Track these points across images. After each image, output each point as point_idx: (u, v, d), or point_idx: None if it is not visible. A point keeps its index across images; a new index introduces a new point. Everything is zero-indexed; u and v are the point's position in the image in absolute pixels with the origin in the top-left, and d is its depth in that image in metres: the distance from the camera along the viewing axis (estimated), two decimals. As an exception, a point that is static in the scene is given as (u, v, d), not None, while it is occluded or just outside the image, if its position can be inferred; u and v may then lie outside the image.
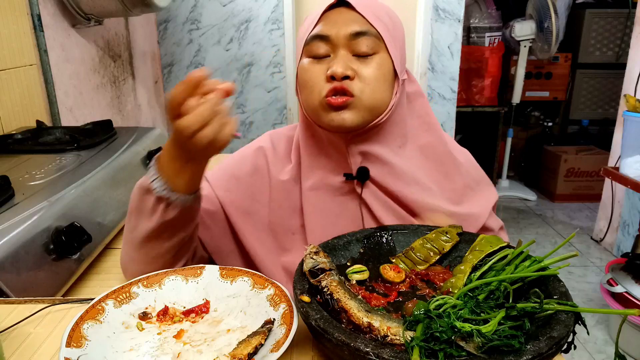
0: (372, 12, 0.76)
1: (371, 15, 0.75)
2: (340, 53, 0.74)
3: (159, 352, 0.56)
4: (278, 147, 0.88)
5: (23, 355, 0.59)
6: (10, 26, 1.41)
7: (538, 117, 4.01)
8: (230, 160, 0.88)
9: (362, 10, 0.75)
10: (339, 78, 0.73)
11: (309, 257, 0.61)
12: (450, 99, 2.94)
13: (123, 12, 1.82)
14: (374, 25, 0.75)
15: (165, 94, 0.64)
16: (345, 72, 0.72)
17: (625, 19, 3.64)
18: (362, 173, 0.81)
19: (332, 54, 0.75)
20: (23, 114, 1.46)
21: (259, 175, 0.85)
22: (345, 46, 0.74)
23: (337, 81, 0.73)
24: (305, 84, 0.77)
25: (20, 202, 0.88)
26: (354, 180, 0.81)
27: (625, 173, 2.03)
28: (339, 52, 0.74)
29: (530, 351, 0.46)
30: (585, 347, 2.09)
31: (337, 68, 0.72)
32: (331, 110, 0.74)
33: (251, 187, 0.84)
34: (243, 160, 0.87)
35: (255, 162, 0.86)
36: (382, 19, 0.77)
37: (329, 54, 0.75)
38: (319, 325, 0.50)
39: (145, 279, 0.66)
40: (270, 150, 0.87)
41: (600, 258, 2.83)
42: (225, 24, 2.79)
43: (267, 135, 0.90)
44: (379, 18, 0.76)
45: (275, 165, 0.85)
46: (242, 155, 0.88)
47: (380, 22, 0.76)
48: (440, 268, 0.68)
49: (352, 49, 0.74)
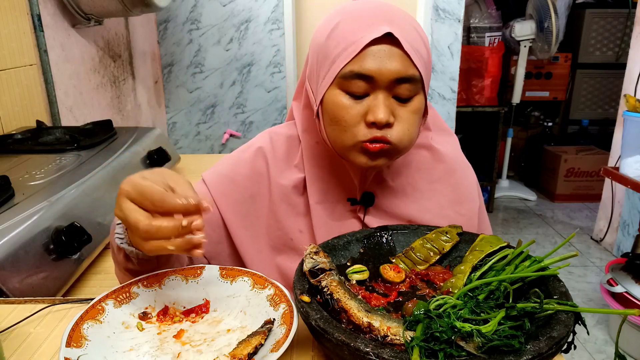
0: (416, 51, 0.69)
1: (416, 56, 0.68)
2: (381, 95, 0.68)
3: (159, 352, 0.56)
4: (278, 147, 0.84)
5: (23, 355, 0.59)
6: (10, 26, 1.41)
7: (538, 117, 4.01)
8: (228, 163, 0.85)
9: (408, 50, 0.67)
10: (380, 126, 0.68)
11: (309, 257, 0.61)
12: (450, 99, 2.94)
13: (123, 12, 1.82)
14: (417, 66, 0.69)
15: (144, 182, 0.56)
16: (388, 119, 0.68)
17: (625, 19, 3.64)
18: (367, 198, 0.81)
19: (372, 93, 0.69)
20: (23, 114, 1.46)
21: (259, 178, 0.83)
22: (387, 88, 0.69)
23: (377, 128, 0.69)
24: (339, 121, 0.71)
25: (20, 202, 0.88)
26: (357, 205, 0.82)
27: (625, 173, 2.03)
28: (379, 94, 0.69)
29: (530, 351, 0.46)
30: (585, 347, 2.09)
31: (380, 115, 0.67)
32: (365, 154, 0.71)
33: (249, 189, 0.82)
34: (241, 162, 0.84)
35: (255, 164, 0.83)
36: (423, 58, 0.71)
37: (368, 93, 0.69)
38: (319, 325, 0.50)
39: (145, 279, 0.66)
40: (270, 151, 0.84)
41: (600, 258, 2.83)
42: (225, 24, 2.79)
43: (266, 134, 0.87)
44: (421, 57, 0.70)
45: (276, 167, 0.83)
46: (240, 158, 0.84)
47: (422, 63, 0.70)
48: (440, 268, 0.68)
49: (393, 90, 0.69)
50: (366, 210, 0.82)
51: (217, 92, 2.93)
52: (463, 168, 0.89)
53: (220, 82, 2.91)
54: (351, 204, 0.81)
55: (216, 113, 2.98)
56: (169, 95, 2.94)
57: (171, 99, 2.95)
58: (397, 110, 0.70)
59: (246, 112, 2.97)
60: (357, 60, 0.67)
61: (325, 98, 0.72)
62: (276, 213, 0.81)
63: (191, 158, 1.78)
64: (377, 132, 0.69)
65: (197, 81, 2.91)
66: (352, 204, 0.81)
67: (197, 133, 3.03)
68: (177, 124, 3.01)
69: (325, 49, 0.71)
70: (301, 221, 0.82)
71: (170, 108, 2.97)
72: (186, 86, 2.92)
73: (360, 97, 0.69)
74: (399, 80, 0.68)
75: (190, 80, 2.91)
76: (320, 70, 0.72)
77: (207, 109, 2.97)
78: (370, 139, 0.69)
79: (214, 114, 2.98)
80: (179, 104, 2.96)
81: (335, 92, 0.70)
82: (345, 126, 0.70)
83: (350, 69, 0.68)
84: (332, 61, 0.70)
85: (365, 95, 0.69)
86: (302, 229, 0.81)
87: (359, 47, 0.67)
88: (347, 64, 0.68)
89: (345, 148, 0.72)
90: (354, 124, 0.70)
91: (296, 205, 0.81)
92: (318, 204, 0.80)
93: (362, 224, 0.82)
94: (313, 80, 0.75)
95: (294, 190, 0.82)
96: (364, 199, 0.81)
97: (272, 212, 0.82)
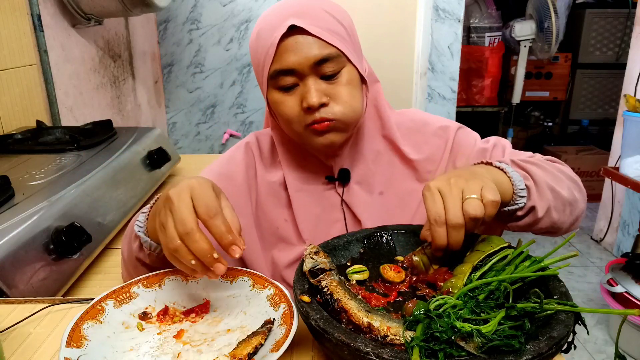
0: (328, 30, 0.74)
1: (328, 35, 0.73)
2: (308, 81, 0.74)
3: (159, 352, 0.56)
4: (263, 145, 0.90)
5: (23, 355, 0.59)
6: (10, 26, 1.41)
7: (538, 117, 4.01)
8: (222, 162, 0.90)
9: (317, 33, 0.72)
10: (315, 108, 0.74)
11: (309, 257, 0.61)
12: (450, 99, 2.94)
13: (123, 12, 1.82)
14: (333, 44, 0.73)
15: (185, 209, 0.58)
16: (320, 101, 0.73)
17: (625, 19, 3.64)
18: (343, 174, 0.84)
19: (300, 82, 0.75)
20: (23, 114, 1.46)
21: (250, 172, 0.88)
22: (311, 73, 0.74)
23: (315, 110, 0.74)
24: (282, 115, 0.77)
25: (20, 202, 0.88)
26: (335, 182, 0.85)
27: (625, 173, 2.03)
28: (307, 80, 0.74)
29: (530, 351, 0.46)
30: (585, 347, 2.09)
31: (311, 99, 0.73)
32: (317, 135, 0.76)
33: (244, 185, 0.87)
34: (232, 160, 0.89)
35: (246, 160, 0.88)
36: (339, 33, 0.75)
37: (297, 83, 0.75)
38: (319, 325, 0.50)
39: (145, 279, 0.66)
40: (256, 148, 0.89)
41: (600, 258, 2.83)
42: (225, 24, 2.79)
43: (252, 135, 0.92)
44: (335, 32, 0.74)
45: (261, 163, 0.89)
46: (232, 156, 0.90)
47: (337, 38, 0.74)
48: (441, 268, 0.68)
49: (318, 72, 0.74)
50: (344, 186, 0.85)
51: (217, 92, 2.93)
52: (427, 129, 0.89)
53: (220, 82, 2.91)
54: (328, 182, 0.85)
55: (216, 113, 2.98)
56: (169, 95, 2.94)
57: (171, 99, 2.95)
58: (330, 89, 0.75)
59: (246, 112, 2.97)
60: (277, 59, 0.74)
61: (268, 100, 0.79)
62: (263, 205, 0.86)
63: (191, 158, 1.78)
64: (316, 115, 0.74)
65: (197, 81, 2.91)
66: (329, 181, 0.85)
67: (197, 133, 3.03)
68: (177, 124, 3.01)
69: (256, 57, 0.78)
70: (286, 212, 0.86)
71: (170, 108, 2.97)
72: (186, 86, 2.92)
73: (292, 88, 0.76)
74: (318, 62, 0.73)
75: (190, 80, 2.91)
76: (258, 77, 0.80)
77: (207, 109, 2.97)
78: (312, 121, 0.75)
79: (214, 114, 2.98)
80: (179, 104, 2.96)
81: (272, 92, 0.77)
82: (289, 118, 0.77)
83: (274, 69, 0.74)
84: (262, 67, 0.77)
85: (295, 85, 0.75)
86: (287, 218, 0.86)
87: (274, 47, 0.73)
88: (271, 65, 0.74)
89: (299, 135, 0.78)
90: (295, 114, 0.76)
91: (281, 198, 0.87)
92: (297, 192, 0.85)
93: (342, 202, 0.85)
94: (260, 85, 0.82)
95: (280, 186, 0.87)
96: (340, 175, 0.84)
97: (259, 204, 0.87)
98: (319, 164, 0.85)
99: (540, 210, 0.71)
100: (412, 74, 2.93)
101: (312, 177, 0.86)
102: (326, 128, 0.75)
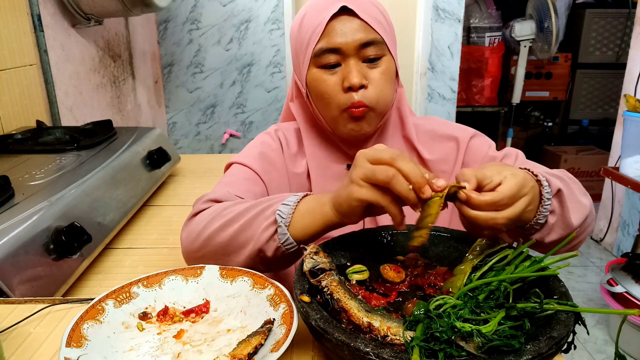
0: (374, 18, 0.79)
1: (374, 22, 0.79)
2: (351, 62, 0.79)
3: (159, 352, 0.56)
4: (288, 135, 0.92)
5: (23, 355, 0.59)
6: (10, 26, 1.41)
7: (538, 117, 4.01)
8: (256, 145, 0.90)
9: (365, 18, 0.78)
10: (355, 88, 0.78)
11: (309, 257, 0.61)
12: (450, 99, 2.94)
13: (123, 12, 1.82)
14: (377, 31, 0.79)
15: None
16: (361, 82, 0.77)
17: (625, 19, 3.64)
18: None
19: (343, 62, 0.79)
20: (23, 114, 1.46)
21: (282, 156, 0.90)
22: (355, 54, 0.79)
23: (354, 91, 0.78)
24: (322, 95, 0.81)
25: (20, 202, 0.88)
26: None
27: (625, 173, 2.03)
28: (349, 61, 0.79)
29: (530, 351, 0.46)
30: (585, 347, 2.09)
31: (353, 79, 0.77)
32: (351, 121, 0.80)
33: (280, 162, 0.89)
34: (267, 143, 0.90)
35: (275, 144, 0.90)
36: (382, 23, 0.81)
37: (340, 62, 0.80)
38: (319, 325, 0.50)
39: (145, 279, 0.66)
40: (282, 136, 0.91)
41: (600, 258, 2.83)
42: (225, 24, 2.79)
43: (272, 127, 0.94)
44: (380, 23, 0.80)
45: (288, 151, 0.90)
46: (264, 140, 0.91)
47: (381, 27, 0.80)
48: (440, 268, 0.68)
49: (360, 56, 0.79)
50: None
51: (217, 92, 2.93)
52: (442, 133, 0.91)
53: (220, 82, 2.91)
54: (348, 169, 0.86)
55: (216, 113, 2.98)
56: (169, 95, 2.94)
57: (171, 99, 2.95)
58: (369, 73, 0.79)
59: (246, 112, 2.97)
60: (323, 37, 0.79)
61: (308, 78, 0.82)
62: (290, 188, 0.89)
63: (191, 158, 1.77)
64: (355, 96, 0.78)
65: (197, 81, 2.92)
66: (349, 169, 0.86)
67: (197, 133, 3.03)
68: (177, 124, 3.01)
69: (299, 38, 0.83)
70: None
71: (170, 108, 2.97)
72: (186, 86, 2.92)
73: (334, 67, 0.80)
74: (363, 45, 0.78)
75: (190, 80, 2.91)
76: (299, 57, 0.83)
77: (207, 109, 2.97)
78: (350, 105, 0.78)
79: (214, 114, 2.98)
80: (179, 104, 2.96)
81: (313, 70, 0.81)
82: (329, 97, 0.80)
83: (319, 47, 0.79)
84: (306, 46, 0.81)
85: (337, 65, 0.80)
86: None
87: (323, 26, 0.78)
88: (317, 44, 0.79)
89: (334, 119, 0.82)
90: (335, 93, 0.79)
91: (305, 188, 0.89)
92: (319, 177, 0.88)
93: None
94: (297, 69, 0.86)
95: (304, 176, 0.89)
96: None
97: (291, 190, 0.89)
98: (342, 154, 0.88)
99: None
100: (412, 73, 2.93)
101: (334, 165, 0.88)
102: (361, 114, 0.79)
